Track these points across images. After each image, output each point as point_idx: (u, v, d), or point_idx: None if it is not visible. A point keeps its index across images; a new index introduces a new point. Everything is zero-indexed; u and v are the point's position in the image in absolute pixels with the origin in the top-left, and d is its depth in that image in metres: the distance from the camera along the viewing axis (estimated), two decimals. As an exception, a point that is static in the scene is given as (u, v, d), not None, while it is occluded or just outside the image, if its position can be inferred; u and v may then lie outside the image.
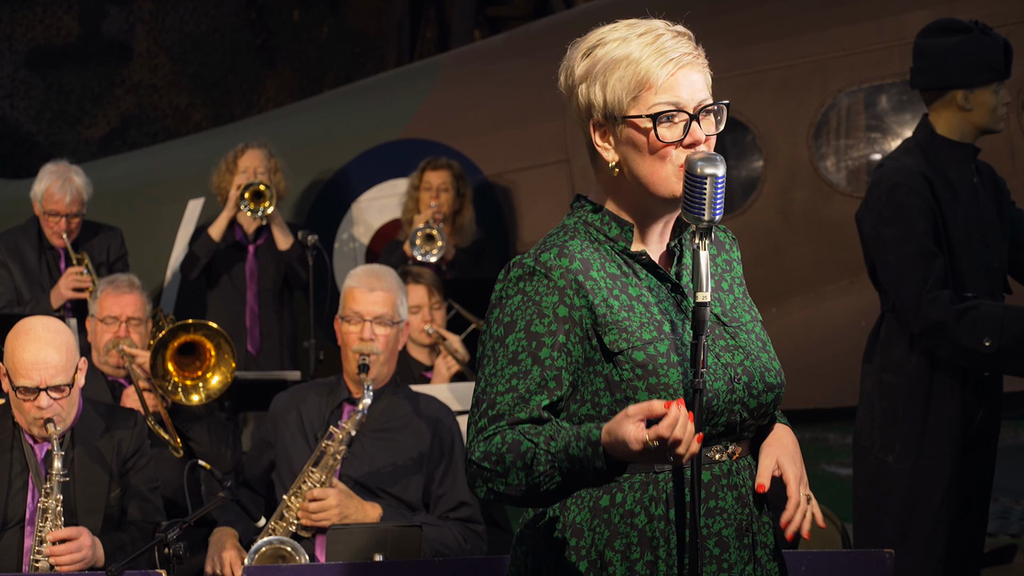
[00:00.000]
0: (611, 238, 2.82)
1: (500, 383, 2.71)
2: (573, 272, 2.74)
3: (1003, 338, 4.62)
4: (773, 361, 2.83)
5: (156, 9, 13.73)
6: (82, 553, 4.27)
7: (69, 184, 6.99)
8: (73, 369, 4.40)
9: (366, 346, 4.79)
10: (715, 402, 2.73)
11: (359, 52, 14.45)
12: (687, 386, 2.71)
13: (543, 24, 9.25)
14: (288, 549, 4.52)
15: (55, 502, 4.31)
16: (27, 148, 13.08)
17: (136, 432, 4.59)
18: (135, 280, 5.82)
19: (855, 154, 7.52)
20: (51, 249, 7.12)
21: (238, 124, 10.06)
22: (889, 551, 3.92)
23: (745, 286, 2.95)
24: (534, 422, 2.68)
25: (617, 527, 2.74)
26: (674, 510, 2.74)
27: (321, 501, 4.65)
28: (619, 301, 2.76)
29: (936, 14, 5.80)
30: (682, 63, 2.75)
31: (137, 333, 5.65)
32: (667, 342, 2.74)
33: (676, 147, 2.75)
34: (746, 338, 2.83)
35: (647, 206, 2.80)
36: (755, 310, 2.91)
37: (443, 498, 4.77)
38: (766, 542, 2.84)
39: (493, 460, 2.67)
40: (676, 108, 2.74)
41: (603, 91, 2.78)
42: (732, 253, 2.96)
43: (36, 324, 4.46)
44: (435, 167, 7.41)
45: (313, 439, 4.82)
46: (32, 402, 4.35)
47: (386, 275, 4.92)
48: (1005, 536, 7.33)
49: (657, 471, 2.75)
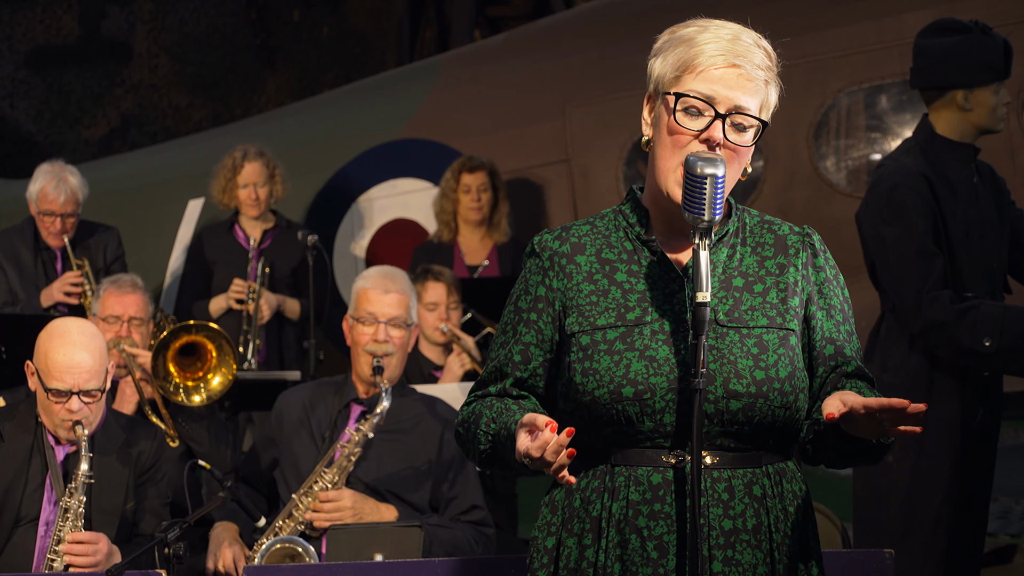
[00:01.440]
0: (630, 223, 2.86)
1: (493, 349, 2.92)
2: (560, 254, 2.85)
3: (1003, 338, 4.62)
4: (755, 371, 2.73)
5: (156, 9, 13.73)
6: (97, 558, 4.26)
7: (64, 184, 6.96)
8: (104, 373, 4.39)
9: (381, 347, 4.78)
10: (647, 396, 2.71)
11: (359, 52, 14.45)
12: (622, 376, 2.72)
13: (543, 24, 9.24)
14: (299, 549, 4.52)
15: (78, 503, 4.30)
16: (27, 148, 13.08)
17: (155, 446, 4.58)
18: (138, 280, 5.81)
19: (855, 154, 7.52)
20: (47, 249, 7.09)
21: (238, 124, 10.05)
22: (889, 551, 3.92)
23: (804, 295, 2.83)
24: (501, 395, 2.88)
25: (577, 511, 2.80)
26: (616, 504, 2.76)
27: (337, 502, 4.64)
28: (595, 285, 2.81)
29: (936, 14, 5.79)
30: (735, 63, 2.75)
31: (138, 333, 5.65)
32: (621, 329, 2.75)
33: (692, 139, 2.75)
34: (736, 341, 2.76)
35: (659, 193, 2.81)
36: (788, 316, 2.80)
37: (454, 501, 4.76)
38: (741, 560, 2.74)
39: (464, 428, 2.91)
40: (707, 100, 2.74)
41: (660, 64, 2.81)
42: (796, 259, 2.85)
43: (71, 326, 4.44)
44: (471, 168, 7.40)
45: (320, 438, 4.82)
46: (63, 405, 4.34)
47: (399, 277, 4.93)
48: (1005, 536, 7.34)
49: (613, 463, 2.78)
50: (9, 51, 13.26)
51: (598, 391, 2.74)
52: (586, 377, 2.76)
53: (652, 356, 2.74)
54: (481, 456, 2.86)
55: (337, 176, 8.33)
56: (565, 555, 2.80)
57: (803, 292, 2.85)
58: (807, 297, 2.86)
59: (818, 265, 2.88)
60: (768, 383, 2.74)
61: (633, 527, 2.74)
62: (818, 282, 2.87)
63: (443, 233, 7.42)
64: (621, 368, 2.73)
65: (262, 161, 7.35)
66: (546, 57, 8.15)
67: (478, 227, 7.39)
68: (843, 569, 3.89)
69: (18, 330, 6.18)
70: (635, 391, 2.72)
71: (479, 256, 7.41)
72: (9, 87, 13.24)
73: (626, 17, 7.89)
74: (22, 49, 13.29)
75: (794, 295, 2.83)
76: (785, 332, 2.80)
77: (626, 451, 2.77)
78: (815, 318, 2.86)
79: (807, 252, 2.88)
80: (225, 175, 7.40)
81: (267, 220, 7.43)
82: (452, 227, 7.41)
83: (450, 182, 7.41)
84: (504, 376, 2.88)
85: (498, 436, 2.79)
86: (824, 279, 2.88)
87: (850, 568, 3.91)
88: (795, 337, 2.81)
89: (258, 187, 7.32)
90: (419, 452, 4.78)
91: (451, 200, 7.40)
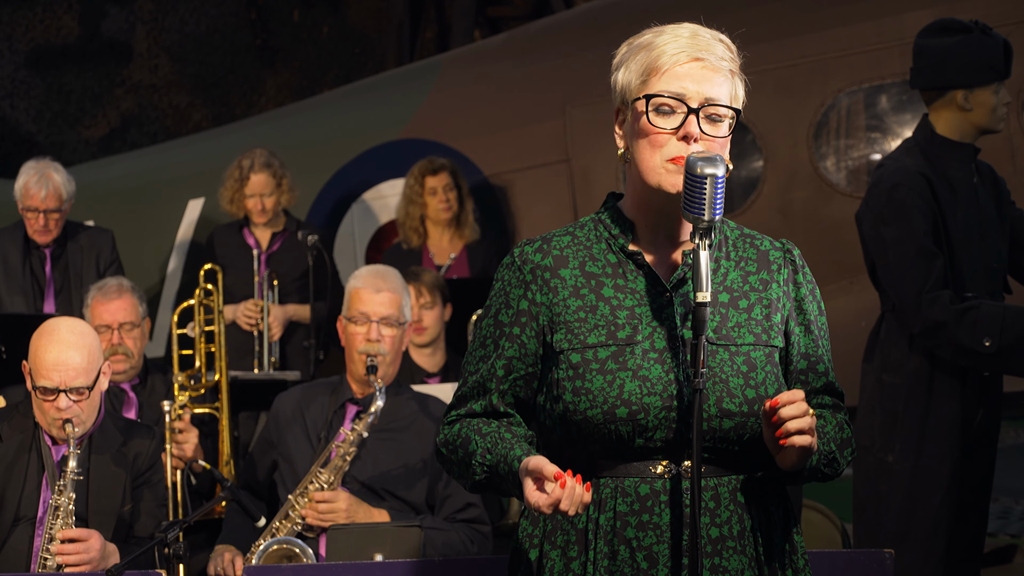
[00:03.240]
0: (612, 235, 2.83)
1: (471, 363, 2.87)
2: (543, 268, 2.81)
3: (1003, 338, 4.62)
4: (746, 390, 2.74)
5: (156, 9, 13.73)
6: (90, 555, 4.25)
7: (46, 180, 6.86)
8: (95, 372, 4.39)
9: (373, 347, 4.78)
10: (641, 416, 2.70)
11: (359, 52, 14.45)
12: (615, 397, 2.70)
13: (543, 24, 9.24)
14: (296, 550, 4.52)
15: (67, 500, 4.30)
16: (27, 148, 13.08)
17: (153, 448, 4.58)
18: (124, 283, 5.74)
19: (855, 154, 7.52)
20: (37, 249, 7.04)
21: (238, 124, 10.05)
22: (889, 551, 3.92)
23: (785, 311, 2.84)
24: (489, 415, 2.83)
25: (560, 523, 2.79)
26: (603, 516, 2.75)
27: (332, 503, 4.65)
28: (582, 301, 2.79)
29: (936, 14, 5.79)
30: (698, 57, 2.74)
31: (130, 337, 5.59)
32: (612, 348, 2.74)
33: (670, 138, 2.74)
34: (726, 359, 2.76)
35: (647, 199, 2.80)
36: (772, 333, 2.81)
37: (449, 499, 4.76)
38: (728, 567, 2.75)
39: (448, 449, 2.86)
40: (677, 98, 2.74)
41: (624, 74, 2.80)
42: (779, 274, 2.86)
43: (61, 325, 4.44)
44: (434, 171, 7.41)
45: (316, 439, 4.82)
46: (52, 403, 4.34)
47: (391, 276, 4.92)
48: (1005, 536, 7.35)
49: (599, 476, 2.77)
50: (9, 51, 13.26)
51: (591, 411, 2.73)
52: (577, 396, 2.74)
53: (645, 376, 2.72)
54: (474, 484, 2.83)
55: (337, 176, 8.33)
56: (548, 567, 2.79)
57: (784, 308, 2.85)
58: (787, 313, 2.86)
59: (798, 281, 2.88)
60: (759, 401, 2.74)
61: (622, 538, 2.74)
62: (798, 298, 2.88)
63: (411, 239, 7.42)
64: (615, 389, 2.72)
65: (269, 172, 7.29)
66: (546, 57, 8.15)
67: (447, 227, 7.39)
68: (843, 569, 3.89)
69: (18, 330, 6.16)
70: (629, 411, 2.71)
71: (445, 257, 7.40)
72: (9, 87, 13.24)
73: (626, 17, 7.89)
74: (22, 49, 13.30)
75: (776, 311, 2.84)
76: (770, 349, 2.81)
77: (613, 465, 2.76)
78: (794, 334, 2.87)
79: (788, 268, 2.88)
80: (232, 185, 7.36)
81: (277, 223, 7.41)
82: (420, 232, 7.41)
83: (415, 187, 7.41)
84: (487, 391, 2.84)
85: (495, 469, 2.76)
86: (803, 295, 2.88)
87: (850, 568, 3.91)
88: (778, 354, 2.83)
89: (265, 198, 7.28)
90: (414, 450, 4.78)
91: (418, 205, 7.41)
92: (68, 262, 7.04)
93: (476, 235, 7.43)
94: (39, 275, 7.05)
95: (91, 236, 7.14)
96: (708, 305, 2.68)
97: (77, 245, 7.06)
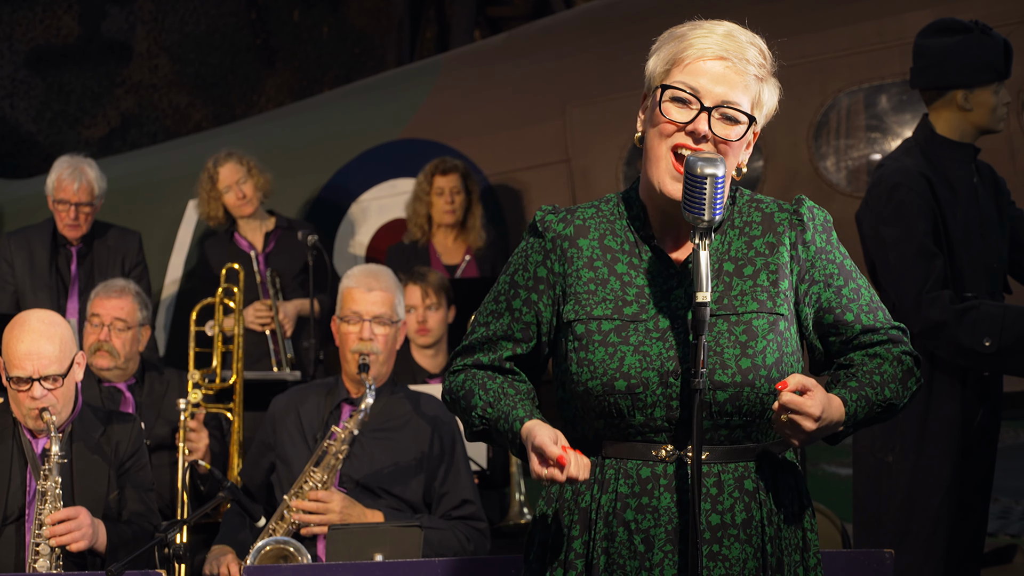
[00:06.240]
0: (630, 216, 2.85)
1: (483, 314, 2.92)
2: (563, 237, 2.84)
3: (1003, 338, 4.62)
4: (741, 359, 2.74)
5: (156, 9, 13.72)
6: (82, 531, 4.29)
7: (79, 173, 6.94)
8: (68, 361, 4.42)
9: (365, 346, 4.79)
10: (640, 390, 2.72)
11: (359, 52, 14.45)
12: (615, 369, 2.73)
13: (543, 24, 9.24)
14: (291, 549, 4.52)
15: (54, 484, 4.33)
16: (27, 148, 13.08)
17: (134, 435, 4.60)
18: (131, 286, 5.76)
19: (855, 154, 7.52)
20: (64, 247, 7.06)
21: (238, 124, 10.04)
22: (889, 551, 3.92)
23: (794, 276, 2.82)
24: (495, 369, 2.88)
25: (567, 503, 2.82)
26: (605, 496, 2.77)
27: (326, 504, 4.65)
28: (595, 273, 2.81)
29: (936, 14, 5.79)
30: (723, 56, 2.75)
31: (119, 337, 5.59)
32: (617, 322, 2.76)
33: (678, 130, 2.75)
34: (723, 330, 2.76)
35: (651, 192, 2.82)
36: (778, 300, 2.79)
37: (446, 496, 4.77)
38: (728, 555, 2.75)
39: (452, 397, 2.91)
40: (692, 93, 2.74)
41: (653, 62, 2.82)
42: (785, 237, 2.83)
43: (31, 316, 4.50)
44: (444, 171, 7.38)
45: (312, 440, 4.83)
46: (26, 393, 4.38)
47: (383, 275, 4.93)
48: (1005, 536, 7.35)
49: (603, 455, 2.79)
50: (9, 51, 13.25)
51: (591, 382, 2.76)
52: (581, 367, 2.78)
53: (646, 351, 2.74)
54: (473, 433, 2.90)
55: (337, 176, 8.33)
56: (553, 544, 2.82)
57: (793, 273, 2.84)
58: (799, 276, 2.84)
59: (807, 240, 2.85)
60: (754, 371, 2.74)
61: (621, 520, 2.76)
62: (810, 257, 2.85)
63: (416, 235, 7.40)
64: (615, 361, 2.75)
65: (234, 160, 7.28)
66: (546, 57, 8.14)
67: (451, 230, 7.37)
68: (843, 569, 3.89)
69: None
70: (627, 384, 2.73)
71: (456, 257, 7.39)
72: (9, 87, 13.23)
73: (626, 17, 7.89)
74: (22, 49, 13.29)
75: (784, 277, 2.82)
76: (775, 317, 2.79)
77: (617, 444, 2.78)
78: (811, 294, 2.85)
79: (795, 230, 2.85)
80: (205, 189, 7.35)
81: (266, 223, 7.38)
82: (426, 230, 7.39)
83: (423, 185, 7.40)
84: (499, 348, 2.88)
85: (495, 424, 2.82)
86: (816, 251, 2.86)
87: (850, 568, 3.91)
88: (785, 322, 2.80)
89: (240, 184, 7.25)
90: (410, 448, 4.78)
91: (424, 203, 7.38)
92: (94, 261, 7.05)
93: (482, 242, 7.38)
94: (64, 273, 7.06)
95: (118, 236, 7.17)
96: (707, 305, 2.68)
97: (104, 245, 7.08)
